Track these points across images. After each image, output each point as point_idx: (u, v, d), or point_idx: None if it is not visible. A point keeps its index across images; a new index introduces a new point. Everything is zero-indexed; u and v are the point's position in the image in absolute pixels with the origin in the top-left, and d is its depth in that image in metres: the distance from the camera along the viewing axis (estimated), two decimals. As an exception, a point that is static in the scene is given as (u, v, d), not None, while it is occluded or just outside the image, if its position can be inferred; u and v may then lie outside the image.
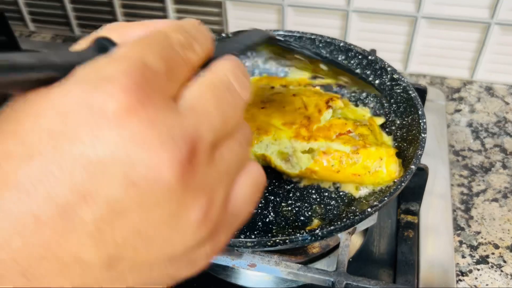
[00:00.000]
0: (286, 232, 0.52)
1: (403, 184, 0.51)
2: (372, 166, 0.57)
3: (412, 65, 0.98)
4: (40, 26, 1.22)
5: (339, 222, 0.48)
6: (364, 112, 0.68)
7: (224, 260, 0.54)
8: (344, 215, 0.57)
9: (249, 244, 0.48)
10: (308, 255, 0.62)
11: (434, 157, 0.78)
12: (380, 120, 0.66)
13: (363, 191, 0.59)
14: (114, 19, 1.13)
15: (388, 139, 0.64)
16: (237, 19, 1.03)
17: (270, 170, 0.64)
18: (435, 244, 0.66)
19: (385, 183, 0.57)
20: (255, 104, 0.66)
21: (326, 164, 0.59)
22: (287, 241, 0.47)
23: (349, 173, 0.59)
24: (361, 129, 0.62)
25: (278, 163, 0.62)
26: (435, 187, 0.73)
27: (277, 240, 0.47)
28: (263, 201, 0.60)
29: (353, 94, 0.71)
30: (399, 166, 0.58)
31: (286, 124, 0.63)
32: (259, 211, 0.59)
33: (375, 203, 0.50)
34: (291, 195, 0.61)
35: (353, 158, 0.58)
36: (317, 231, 0.47)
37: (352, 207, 0.58)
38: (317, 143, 0.61)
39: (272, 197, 0.61)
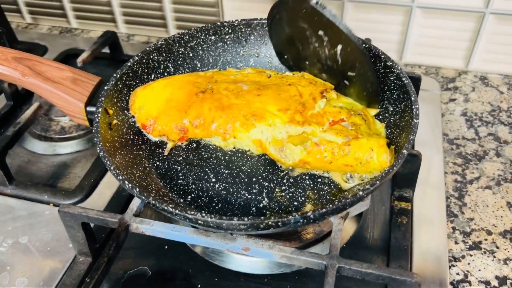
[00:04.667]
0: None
1: (394, 168, 0.51)
2: (364, 157, 0.58)
3: (407, 55, 0.99)
4: (36, 18, 1.22)
5: (331, 205, 0.48)
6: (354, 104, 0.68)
7: (219, 244, 0.54)
8: (336, 199, 0.58)
9: (242, 226, 0.48)
10: (302, 240, 0.63)
11: (429, 146, 0.79)
12: (374, 111, 0.66)
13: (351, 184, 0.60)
14: (111, 11, 1.14)
15: (381, 128, 0.64)
16: (233, 10, 1.04)
17: (264, 157, 0.65)
18: (429, 231, 0.66)
19: (377, 172, 0.58)
20: (250, 91, 0.66)
21: (319, 155, 0.59)
22: (279, 223, 0.47)
23: (341, 163, 0.59)
24: (355, 118, 0.63)
25: (272, 151, 0.62)
26: (429, 175, 0.74)
27: (270, 223, 0.47)
28: (257, 187, 0.61)
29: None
30: (391, 155, 0.58)
31: (281, 110, 0.63)
32: (253, 196, 0.60)
33: (367, 186, 0.50)
34: (285, 181, 0.61)
35: (345, 149, 0.58)
36: (309, 213, 0.47)
37: (345, 192, 0.59)
38: (310, 127, 0.61)
39: (266, 183, 0.61)
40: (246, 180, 0.62)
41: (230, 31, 0.77)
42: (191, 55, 0.76)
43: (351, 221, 0.68)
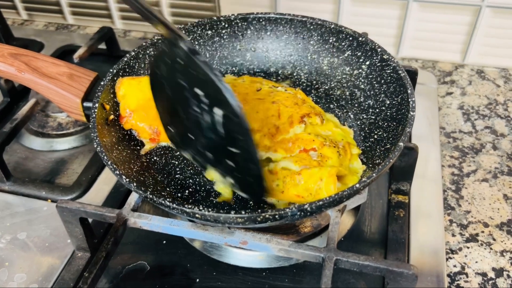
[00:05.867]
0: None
1: (391, 160, 0.52)
2: (313, 188, 0.55)
3: (404, 49, 0.99)
4: (32, 14, 1.22)
5: (327, 198, 0.48)
6: (345, 133, 0.65)
7: (217, 238, 0.55)
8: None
9: (239, 220, 0.48)
10: (300, 234, 0.63)
11: (426, 139, 0.79)
12: (356, 150, 0.62)
13: None
14: (107, 7, 1.13)
15: (360, 169, 0.60)
16: (230, 4, 1.03)
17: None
18: (426, 223, 0.66)
19: None
20: None
21: (272, 183, 0.57)
22: (276, 216, 0.48)
23: (292, 194, 0.57)
24: (326, 150, 0.59)
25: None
26: (426, 168, 0.74)
27: (267, 216, 0.48)
28: None
29: (344, 76, 0.72)
30: (343, 185, 0.56)
31: (252, 130, 0.56)
32: None
33: (363, 179, 0.50)
34: None
35: (295, 178, 0.56)
36: (306, 206, 0.48)
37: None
38: (276, 154, 0.60)
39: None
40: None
41: (226, 25, 0.76)
42: None
43: (348, 214, 0.69)
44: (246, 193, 0.58)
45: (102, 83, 0.65)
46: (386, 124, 0.63)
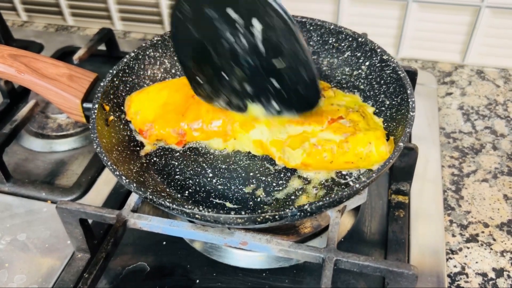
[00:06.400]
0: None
1: (391, 160, 0.52)
2: (363, 152, 0.58)
3: (404, 50, 0.99)
4: (32, 16, 1.22)
5: (327, 198, 0.48)
6: (354, 99, 0.68)
7: (216, 239, 0.55)
8: (333, 192, 0.58)
9: (239, 220, 0.48)
10: (300, 235, 0.63)
11: (426, 140, 0.79)
12: (371, 108, 0.66)
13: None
14: (107, 8, 1.13)
15: (380, 122, 0.64)
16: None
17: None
18: (426, 224, 0.66)
19: (378, 164, 0.58)
20: None
21: (319, 156, 0.59)
22: (276, 216, 0.48)
23: (342, 161, 0.59)
24: (353, 115, 0.62)
25: (274, 153, 0.62)
26: (426, 169, 0.74)
27: (267, 216, 0.47)
28: (254, 182, 0.61)
29: (343, 77, 0.72)
30: (390, 145, 0.58)
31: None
32: (251, 191, 0.60)
33: (363, 179, 0.50)
34: (282, 175, 0.62)
35: (344, 147, 0.58)
36: (306, 206, 0.48)
37: (342, 186, 0.59)
38: (310, 126, 0.61)
39: (263, 178, 0.61)
40: (243, 175, 0.62)
41: None
42: None
43: (348, 215, 0.68)
44: (296, 109, 0.58)
45: (101, 84, 0.65)
46: (386, 124, 0.63)
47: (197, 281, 0.62)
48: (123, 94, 0.69)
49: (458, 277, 0.62)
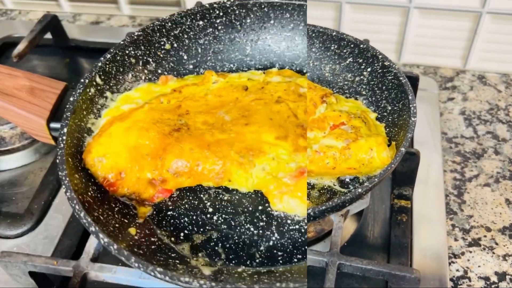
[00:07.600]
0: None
1: (392, 165, 0.52)
2: (365, 158, 0.58)
3: (405, 56, 0.99)
4: (28, 3, 1.08)
5: (330, 202, 0.49)
6: (356, 105, 0.69)
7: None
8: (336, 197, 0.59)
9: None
10: (303, 239, 0.63)
11: (428, 145, 0.79)
12: (373, 114, 0.67)
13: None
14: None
15: (382, 128, 0.65)
16: None
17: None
18: (428, 228, 0.67)
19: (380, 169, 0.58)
20: (236, 121, 0.60)
21: (321, 163, 0.59)
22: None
23: (344, 168, 0.59)
24: (355, 121, 0.63)
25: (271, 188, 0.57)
26: (428, 173, 0.74)
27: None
28: (264, 218, 0.56)
29: (345, 83, 0.72)
30: (391, 151, 0.59)
31: (280, 138, 0.58)
32: (261, 231, 0.55)
33: (365, 183, 0.51)
34: None
35: (346, 153, 0.59)
36: (309, 211, 0.48)
37: (345, 190, 0.59)
38: (312, 133, 0.62)
39: (276, 213, 0.57)
40: (250, 208, 0.55)
41: (221, 14, 0.67)
42: (175, 45, 0.66)
43: (351, 219, 0.69)
44: None
45: (71, 99, 0.53)
46: (387, 130, 0.64)
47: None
48: (101, 107, 0.60)
49: (461, 281, 0.62)
